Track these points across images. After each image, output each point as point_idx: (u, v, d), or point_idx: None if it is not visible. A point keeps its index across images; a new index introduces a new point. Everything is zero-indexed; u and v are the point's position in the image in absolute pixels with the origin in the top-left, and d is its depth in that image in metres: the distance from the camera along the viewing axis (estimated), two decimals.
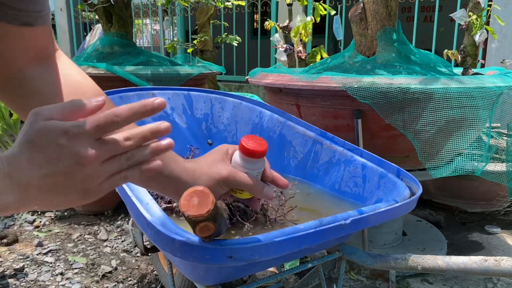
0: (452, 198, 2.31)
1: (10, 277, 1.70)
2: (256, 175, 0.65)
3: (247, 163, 0.64)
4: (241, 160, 0.64)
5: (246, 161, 0.64)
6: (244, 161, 0.64)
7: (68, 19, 6.71)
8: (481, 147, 1.50)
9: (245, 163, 0.64)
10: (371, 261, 0.88)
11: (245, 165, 0.64)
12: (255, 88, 4.69)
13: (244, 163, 0.64)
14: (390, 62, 1.65)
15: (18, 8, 0.48)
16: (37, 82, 0.53)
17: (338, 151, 1.11)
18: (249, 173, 0.64)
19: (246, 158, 0.64)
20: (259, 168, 0.65)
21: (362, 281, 1.68)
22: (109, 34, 2.72)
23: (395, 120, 1.43)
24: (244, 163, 0.64)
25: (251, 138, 0.65)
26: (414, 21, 4.06)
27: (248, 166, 0.64)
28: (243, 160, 0.64)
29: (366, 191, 1.02)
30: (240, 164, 0.65)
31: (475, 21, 2.41)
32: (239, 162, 0.65)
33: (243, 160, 0.64)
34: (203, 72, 2.52)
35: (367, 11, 1.72)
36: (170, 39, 5.70)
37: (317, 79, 1.49)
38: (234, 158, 0.66)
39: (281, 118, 1.27)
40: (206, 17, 3.28)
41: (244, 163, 0.64)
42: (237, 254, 0.60)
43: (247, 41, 5.17)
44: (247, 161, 0.64)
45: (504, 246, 2.00)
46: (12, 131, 2.43)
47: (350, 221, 0.71)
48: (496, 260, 0.73)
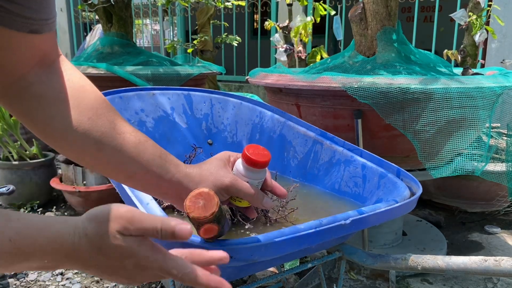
0: (452, 198, 2.31)
1: (10, 277, 1.70)
2: (257, 185, 0.65)
3: (249, 173, 0.64)
4: (244, 169, 0.65)
5: (249, 170, 0.64)
6: (246, 170, 0.64)
7: (68, 19, 6.71)
8: (481, 147, 1.50)
9: (247, 172, 0.64)
10: (371, 261, 0.89)
11: (247, 174, 0.64)
12: (255, 88, 4.69)
13: (246, 172, 0.64)
14: (390, 62, 1.65)
15: (26, 16, 0.48)
16: (41, 87, 0.54)
17: (338, 151, 1.11)
18: (250, 182, 0.64)
19: (249, 168, 0.64)
20: (260, 178, 0.65)
21: (362, 281, 1.68)
22: (109, 34, 2.72)
23: (395, 120, 1.43)
24: (246, 172, 0.64)
25: (254, 148, 0.65)
26: (414, 21, 4.06)
27: (250, 175, 0.64)
28: (245, 169, 0.64)
29: (366, 191, 1.02)
30: (242, 173, 0.65)
31: (475, 21, 2.41)
32: (241, 171, 0.65)
33: (246, 169, 0.64)
34: (203, 72, 2.52)
35: (367, 11, 1.72)
36: (170, 39, 5.69)
37: (317, 79, 1.49)
38: (236, 166, 0.66)
39: (281, 118, 1.27)
40: (206, 17, 3.28)
41: (246, 172, 0.64)
42: (237, 254, 0.60)
43: (247, 41, 5.17)
44: (249, 171, 0.64)
45: (504, 246, 2.00)
46: (12, 131, 2.43)
47: (350, 221, 0.71)
48: (496, 260, 0.73)
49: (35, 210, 2.35)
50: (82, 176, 2.24)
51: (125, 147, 0.57)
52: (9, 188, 1.75)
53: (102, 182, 2.25)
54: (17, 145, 2.43)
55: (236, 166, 0.66)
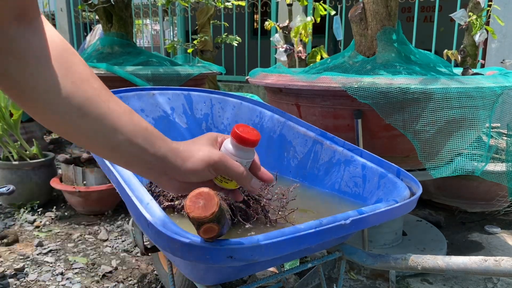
0: (452, 198, 2.31)
1: (10, 277, 1.70)
2: (245, 165, 0.64)
3: (239, 151, 0.63)
4: (233, 147, 0.63)
5: (238, 149, 0.63)
6: (236, 149, 0.63)
7: (69, 19, 6.71)
8: (481, 147, 1.50)
9: (236, 151, 0.63)
10: (371, 261, 0.89)
11: (236, 153, 0.63)
12: (255, 88, 4.69)
13: (235, 151, 0.63)
14: (390, 62, 1.65)
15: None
16: (21, 43, 0.50)
17: (338, 151, 1.11)
18: (239, 161, 0.63)
19: (238, 146, 0.63)
20: (249, 158, 0.65)
21: (362, 281, 1.68)
22: (109, 34, 2.72)
23: (395, 120, 1.43)
24: (236, 151, 0.63)
25: (244, 127, 0.64)
26: (414, 21, 4.06)
27: (239, 154, 0.63)
28: (234, 148, 0.63)
29: (366, 191, 1.02)
30: (231, 152, 0.64)
31: (475, 21, 2.41)
32: (230, 150, 0.64)
33: (235, 148, 0.63)
34: (203, 72, 2.52)
35: (367, 11, 1.72)
36: (170, 39, 5.69)
37: (317, 79, 1.49)
38: (225, 145, 0.65)
39: (281, 118, 1.27)
40: (206, 17, 3.28)
41: (235, 150, 0.63)
42: (237, 254, 0.60)
43: (247, 41, 5.17)
44: (239, 149, 0.63)
45: (504, 246, 2.00)
46: (12, 131, 2.43)
47: (350, 221, 0.71)
48: (496, 260, 0.73)
49: (35, 210, 2.35)
50: (82, 176, 2.24)
51: (110, 116, 0.54)
52: (9, 188, 1.75)
53: (102, 182, 2.26)
54: (17, 145, 2.43)
55: (225, 145, 0.65)
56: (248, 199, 0.91)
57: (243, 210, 0.91)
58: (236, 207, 0.89)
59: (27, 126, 3.34)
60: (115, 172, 0.80)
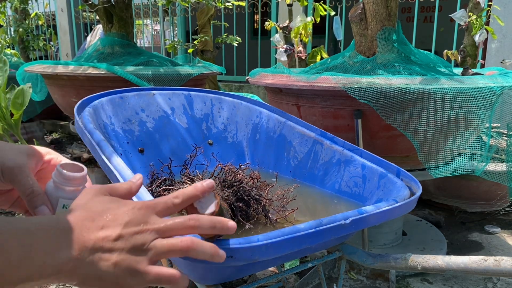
0: (452, 198, 2.31)
1: None
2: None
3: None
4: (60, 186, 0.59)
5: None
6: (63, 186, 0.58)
7: (69, 20, 6.72)
8: (481, 147, 1.51)
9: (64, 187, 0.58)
10: (371, 261, 0.89)
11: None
12: (255, 88, 4.69)
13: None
14: (390, 62, 1.65)
15: None
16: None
17: (338, 151, 1.11)
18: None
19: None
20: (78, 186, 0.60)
21: (362, 280, 1.68)
22: (110, 34, 2.72)
23: (395, 120, 1.43)
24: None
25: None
26: (414, 21, 4.06)
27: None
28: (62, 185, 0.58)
29: (366, 191, 1.02)
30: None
31: (475, 21, 2.42)
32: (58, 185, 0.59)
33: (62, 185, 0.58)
34: (203, 72, 2.52)
35: (367, 12, 1.72)
36: (170, 40, 5.70)
37: (317, 79, 1.49)
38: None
39: (281, 118, 1.28)
40: (207, 17, 3.29)
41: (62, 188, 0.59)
42: (237, 254, 0.61)
43: (247, 42, 5.17)
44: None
45: (504, 246, 2.00)
46: (13, 131, 2.43)
47: (350, 221, 0.72)
48: (496, 260, 0.73)
49: None
50: None
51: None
52: None
53: (103, 182, 2.26)
54: None
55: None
56: (249, 199, 0.92)
57: (244, 210, 0.91)
58: (237, 207, 0.89)
59: (28, 126, 3.34)
60: (116, 172, 0.80)
